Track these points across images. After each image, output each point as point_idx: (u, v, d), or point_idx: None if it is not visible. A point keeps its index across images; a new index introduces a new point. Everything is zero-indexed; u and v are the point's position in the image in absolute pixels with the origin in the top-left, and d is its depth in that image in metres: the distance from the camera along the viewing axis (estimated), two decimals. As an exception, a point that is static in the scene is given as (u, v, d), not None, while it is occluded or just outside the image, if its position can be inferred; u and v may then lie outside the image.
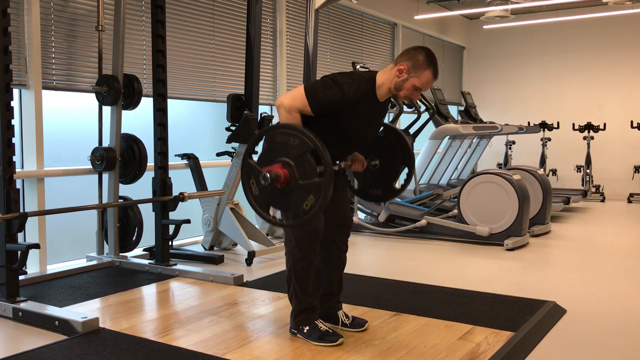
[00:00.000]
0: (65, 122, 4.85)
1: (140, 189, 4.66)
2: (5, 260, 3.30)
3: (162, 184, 4.38)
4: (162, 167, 4.40)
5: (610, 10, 8.78)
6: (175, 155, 5.26)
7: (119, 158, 4.51)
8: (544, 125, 9.47)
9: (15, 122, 3.41)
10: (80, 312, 3.28)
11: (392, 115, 6.35)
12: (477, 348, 2.79)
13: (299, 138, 2.51)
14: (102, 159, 4.44)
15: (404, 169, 3.13)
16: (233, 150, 5.13)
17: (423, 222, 5.81)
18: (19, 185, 4.20)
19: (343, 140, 2.83)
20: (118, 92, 4.39)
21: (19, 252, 3.30)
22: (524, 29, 10.37)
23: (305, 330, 2.86)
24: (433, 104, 6.56)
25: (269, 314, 3.35)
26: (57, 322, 3.06)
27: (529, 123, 9.87)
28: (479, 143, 7.88)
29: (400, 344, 2.84)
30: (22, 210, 3.40)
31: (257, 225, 5.23)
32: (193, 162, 5.29)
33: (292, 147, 2.52)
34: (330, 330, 2.87)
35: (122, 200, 4.56)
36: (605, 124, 9.37)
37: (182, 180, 5.13)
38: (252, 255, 4.69)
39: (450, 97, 10.41)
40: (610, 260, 4.93)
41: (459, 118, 7.84)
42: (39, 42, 4.24)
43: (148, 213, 4.51)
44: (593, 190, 9.31)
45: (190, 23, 5.54)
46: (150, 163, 4.55)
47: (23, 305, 3.25)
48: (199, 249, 5.19)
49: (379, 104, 2.82)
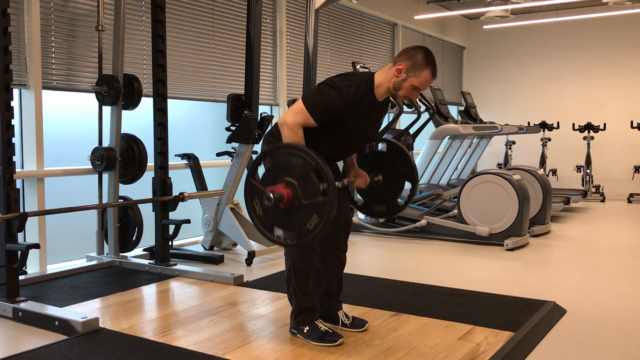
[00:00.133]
0: (65, 122, 4.85)
1: (140, 189, 4.66)
2: (5, 260, 3.30)
3: (162, 184, 4.38)
4: (162, 167, 4.40)
5: (610, 10, 8.78)
6: (175, 155, 5.26)
7: (119, 158, 4.51)
8: (544, 125, 9.47)
9: (15, 122, 3.42)
10: (80, 312, 3.28)
11: (392, 116, 6.35)
12: (477, 348, 2.79)
13: (302, 157, 2.49)
14: (102, 159, 4.44)
15: (407, 184, 3.14)
16: (233, 150, 5.13)
17: (423, 222, 5.81)
18: (19, 185, 4.20)
19: (343, 141, 2.84)
20: (118, 92, 4.39)
21: (19, 252, 3.30)
22: (524, 29, 10.37)
23: (305, 331, 2.86)
24: (433, 104, 6.55)
25: (269, 314, 3.35)
26: (57, 322, 3.06)
27: (529, 123, 9.87)
28: (479, 143, 7.87)
29: (400, 344, 2.84)
30: (22, 210, 3.40)
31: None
32: (193, 162, 5.29)
33: (295, 166, 2.50)
34: (330, 331, 2.87)
35: (122, 200, 4.56)
36: (605, 124, 9.36)
37: (182, 180, 5.13)
38: (252, 255, 4.69)
39: (450, 97, 10.41)
40: (610, 260, 4.93)
41: (459, 118, 7.83)
42: (39, 42, 4.24)
43: (148, 213, 4.51)
44: (593, 191, 9.30)
45: (190, 23, 5.54)
46: (150, 163, 4.55)
47: (23, 305, 3.25)
48: (199, 249, 5.19)
49: (378, 104, 2.82)
